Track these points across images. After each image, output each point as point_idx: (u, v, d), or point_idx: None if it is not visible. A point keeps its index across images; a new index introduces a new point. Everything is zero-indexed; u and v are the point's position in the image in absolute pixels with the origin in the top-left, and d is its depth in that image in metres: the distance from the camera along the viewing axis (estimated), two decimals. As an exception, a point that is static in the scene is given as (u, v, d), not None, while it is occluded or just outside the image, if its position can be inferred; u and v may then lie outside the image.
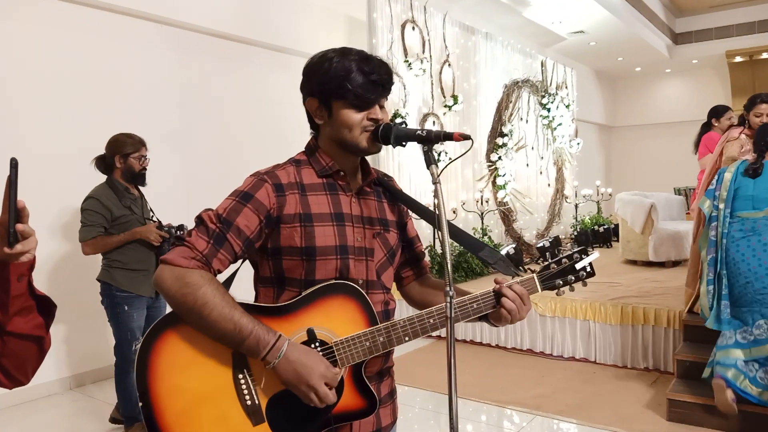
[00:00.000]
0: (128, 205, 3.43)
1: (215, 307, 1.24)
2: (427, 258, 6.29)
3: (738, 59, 12.02)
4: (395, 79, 6.47)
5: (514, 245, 7.22)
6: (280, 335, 1.26)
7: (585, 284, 1.49)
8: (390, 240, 1.48)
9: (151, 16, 4.95)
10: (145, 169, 3.48)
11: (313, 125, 1.44)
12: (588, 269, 1.48)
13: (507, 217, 8.09)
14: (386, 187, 1.53)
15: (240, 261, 1.39)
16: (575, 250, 1.48)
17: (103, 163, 3.47)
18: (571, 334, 5.00)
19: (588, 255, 1.47)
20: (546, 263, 1.47)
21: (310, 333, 1.30)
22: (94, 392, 4.40)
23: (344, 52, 1.36)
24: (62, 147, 4.42)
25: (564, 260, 1.46)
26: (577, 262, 1.46)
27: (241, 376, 1.29)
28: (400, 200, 1.55)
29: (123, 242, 3.36)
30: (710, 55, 12.43)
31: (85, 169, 3.56)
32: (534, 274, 1.47)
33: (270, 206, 1.33)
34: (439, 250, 6.40)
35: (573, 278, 1.47)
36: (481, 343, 5.48)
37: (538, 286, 1.46)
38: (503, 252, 6.82)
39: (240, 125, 5.74)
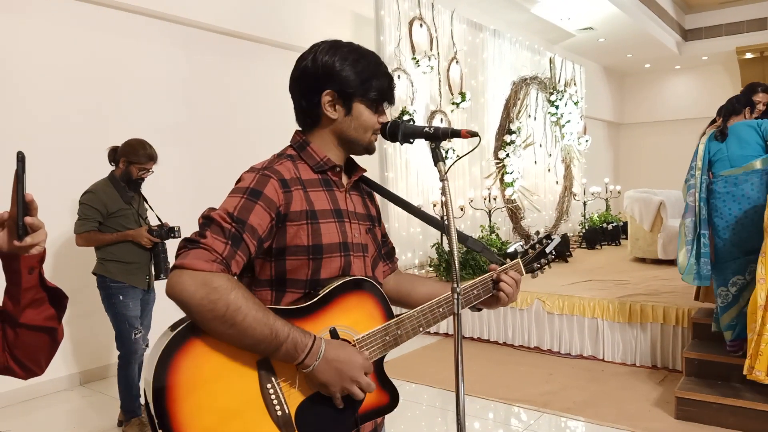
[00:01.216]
0: (128, 200, 3.56)
1: (249, 312, 1.15)
2: (433, 254, 6.23)
3: (748, 56, 11.93)
4: (403, 76, 6.53)
5: (521, 243, 7.20)
6: (315, 336, 1.21)
7: (550, 267, 1.69)
8: (378, 235, 1.51)
9: (158, 13, 4.97)
10: (143, 179, 3.59)
11: (307, 120, 1.39)
12: (554, 253, 1.67)
13: (515, 214, 8.07)
14: (368, 183, 1.52)
15: None
16: (542, 236, 1.67)
17: (113, 155, 3.61)
18: (579, 331, 4.99)
19: (552, 240, 1.67)
20: (524, 249, 1.65)
21: (333, 332, 1.27)
22: (104, 388, 4.43)
23: (360, 52, 1.36)
24: (70, 141, 4.46)
25: (537, 245, 1.66)
26: (546, 246, 1.65)
27: (269, 385, 1.21)
28: (386, 196, 1.55)
29: (114, 241, 3.48)
30: (720, 52, 12.34)
31: (91, 163, 3.61)
32: (518, 259, 1.62)
33: (279, 203, 1.27)
34: (446, 247, 6.39)
35: (545, 261, 1.66)
36: (488, 341, 5.47)
37: (523, 270, 1.62)
38: (511, 249, 6.79)
39: (246, 122, 5.75)
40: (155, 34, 5.04)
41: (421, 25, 6.87)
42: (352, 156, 1.45)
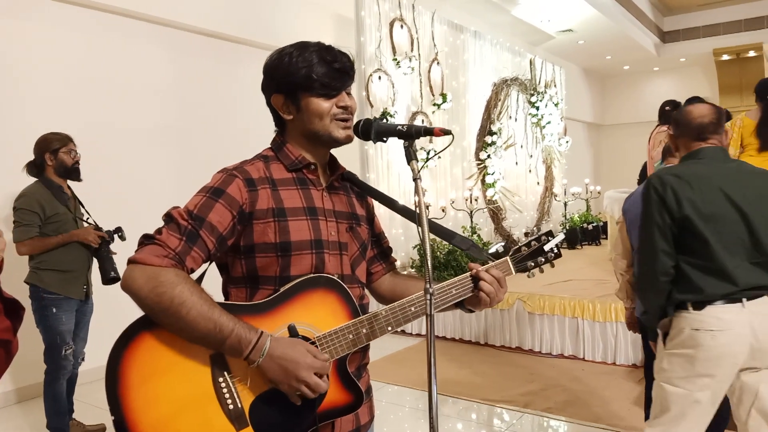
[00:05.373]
0: (65, 202, 3.33)
1: (193, 306, 1.19)
2: (415, 255, 6.23)
3: (725, 57, 12.10)
4: (384, 77, 6.52)
5: (503, 243, 7.22)
6: (262, 332, 1.22)
7: (553, 265, 1.54)
8: (362, 234, 1.48)
9: (145, 16, 4.96)
10: (78, 164, 3.37)
11: (279, 123, 1.43)
12: (555, 251, 1.53)
13: (496, 215, 8.10)
14: (354, 182, 1.51)
15: (209, 262, 1.35)
16: (542, 233, 1.54)
17: (34, 166, 3.36)
18: (560, 331, 5.01)
19: (554, 237, 1.53)
20: (517, 246, 1.52)
21: (292, 329, 1.27)
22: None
23: (303, 46, 1.36)
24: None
25: (533, 242, 1.52)
26: (545, 244, 1.52)
27: (221, 379, 1.24)
28: (371, 195, 1.54)
29: (60, 244, 3.25)
30: (698, 53, 12.50)
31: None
32: (507, 257, 1.50)
33: (242, 201, 1.29)
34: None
35: (543, 260, 1.52)
36: (470, 342, 5.47)
37: (512, 269, 1.50)
38: (492, 250, 6.82)
39: (233, 124, 5.71)
40: (142, 36, 5.01)
41: (401, 26, 6.86)
42: (333, 155, 1.46)
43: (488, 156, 7.92)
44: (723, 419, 2.38)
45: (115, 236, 3.38)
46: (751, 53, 11.77)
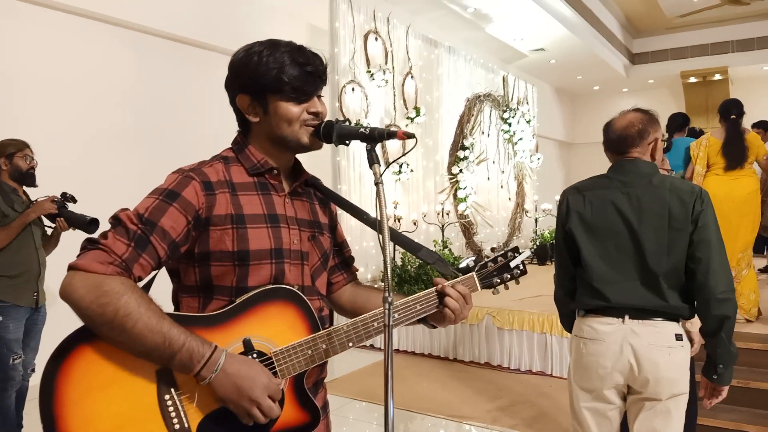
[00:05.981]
0: (11, 204, 3.28)
1: (140, 318, 1.10)
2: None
3: (692, 80, 12.42)
4: (357, 89, 6.50)
5: (474, 258, 7.22)
6: (216, 347, 1.14)
7: (518, 282, 1.52)
8: (324, 243, 1.40)
9: (111, 18, 4.88)
10: (33, 169, 3.36)
11: (243, 123, 1.34)
12: (521, 267, 1.51)
13: (467, 229, 8.11)
14: (319, 188, 1.44)
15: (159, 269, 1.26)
16: (508, 249, 1.52)
17: None
18: (528, 347, 4.99)
19: (520, 254, 1.51)
20: (483, 262, 1.48)
21: (247, 344, 1.19)
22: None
23: (274, 44, 1.27)
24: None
25: (500, 258, 1.49)
26: (511, 260, 1.49)
27: (167, 396, 1.15)
28: (336, 203, 1.47)
29: (21, 226, 3.19)
30: (666, 76, 12.81)
31: (38, 170, 3.42)
32: (473, 273, 1.46)
33: (198, 206, 1.20)
34: (398, 261, 6.35)
35: (508, 276, 1.50)
36: (438, 357, 5.42)
37: (478, 285, 1.45)
38: (463, 264, 6.80)
39: (197, 130, 5.61)
40: (106, 38, 4.92)
41: (376, 39, 6.87)
42: (298, 159, 1.38)
43: (460, 170, 7.94)
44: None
45: (66, 202, 3.31)
46: (717, 76, 12.10)
